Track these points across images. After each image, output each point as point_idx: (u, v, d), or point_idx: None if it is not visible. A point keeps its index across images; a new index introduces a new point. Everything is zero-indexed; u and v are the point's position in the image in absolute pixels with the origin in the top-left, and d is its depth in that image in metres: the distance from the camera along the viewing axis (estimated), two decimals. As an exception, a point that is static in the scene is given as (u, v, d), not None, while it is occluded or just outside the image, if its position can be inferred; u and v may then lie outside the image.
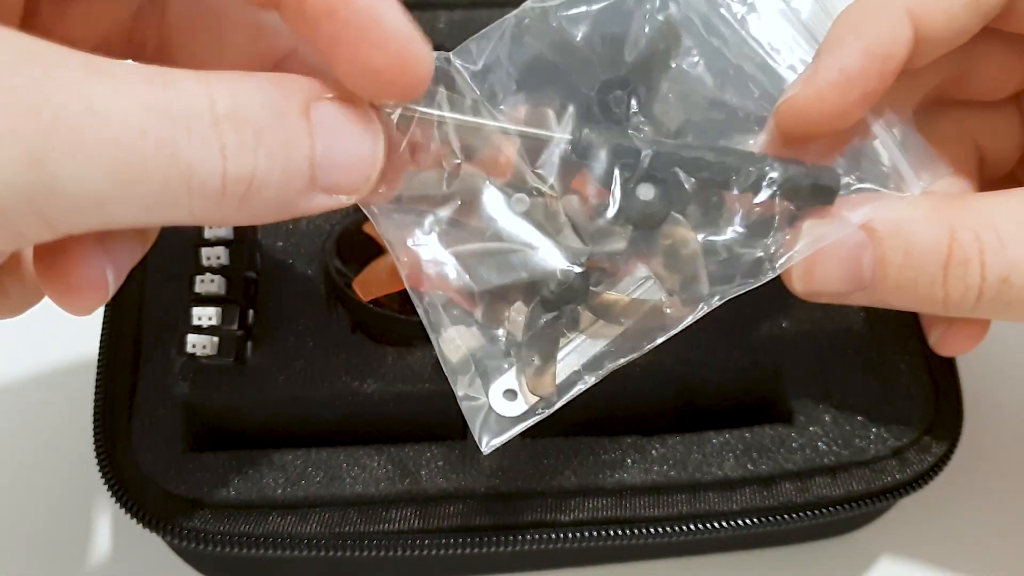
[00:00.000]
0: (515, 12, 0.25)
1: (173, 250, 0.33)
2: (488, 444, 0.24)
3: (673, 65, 0.25)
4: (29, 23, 0.22)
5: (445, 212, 0.24)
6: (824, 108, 0.24)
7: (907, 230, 0.24)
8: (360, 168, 0.20)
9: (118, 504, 0.28)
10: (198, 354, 0.29)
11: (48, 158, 0.16)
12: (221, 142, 0.18)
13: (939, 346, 0.29)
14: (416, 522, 0.28)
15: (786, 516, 0.28)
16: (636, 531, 0.28)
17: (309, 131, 0.19)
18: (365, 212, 0.23)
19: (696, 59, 0.25)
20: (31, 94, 0.16)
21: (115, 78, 0.17)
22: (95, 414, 0.29)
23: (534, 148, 0.24)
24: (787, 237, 0.24)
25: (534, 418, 0.24)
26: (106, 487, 0.28)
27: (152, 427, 0.29)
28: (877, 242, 0.24)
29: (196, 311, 0.29)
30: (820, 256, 0.24)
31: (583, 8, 0.25)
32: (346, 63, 0.20)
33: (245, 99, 0.18)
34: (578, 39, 0.25)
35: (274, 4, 0.20)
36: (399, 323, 0.32)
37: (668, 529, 0.28)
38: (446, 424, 0.30)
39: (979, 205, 0.24)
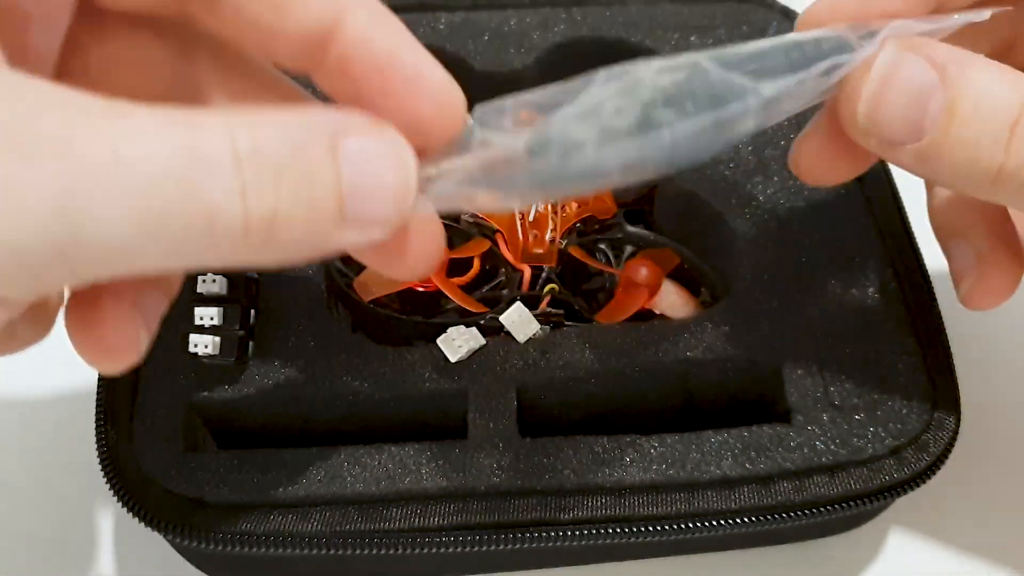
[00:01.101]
0: None
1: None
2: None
3: None
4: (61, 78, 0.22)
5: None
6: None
7: (980, 81, 0.22)
8: (393, 198, 0.20)
9: (120, 503, 0.28)
10: (200, 354, 0.29)
11: (73, 206, 0.16)
12: (242, 182, 0.18)
13: (969, 298, 0.28)
14: (417, 521, 0.28)
15: (784, 515, 0.28)
16: (635, 530, 0.28)
17: (335, 166, 0.19)
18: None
19: None
20: (56, 142, 0.16)
21: (138, 121, 0.17)
22: (97, 414, 0.30)
23: None
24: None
25: None
26: (108, 486, 0.28)
27: (154, 426, 0.29)
28: (949, 85, 0.22)
29: (198, 311, 0.29)
30: (891, 87, 0.23)
31: None
32: (392, 116, 0.20)
33: (266, 136, 0.18)
34: None
35: (311, 69, 0.21)
36: (399, 323, 0.32)
37: (667, 528, 0.28)
38: (446, 424, 0.31)
39: None
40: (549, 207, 0.35)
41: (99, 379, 0.30)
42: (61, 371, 0.38)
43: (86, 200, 0.16)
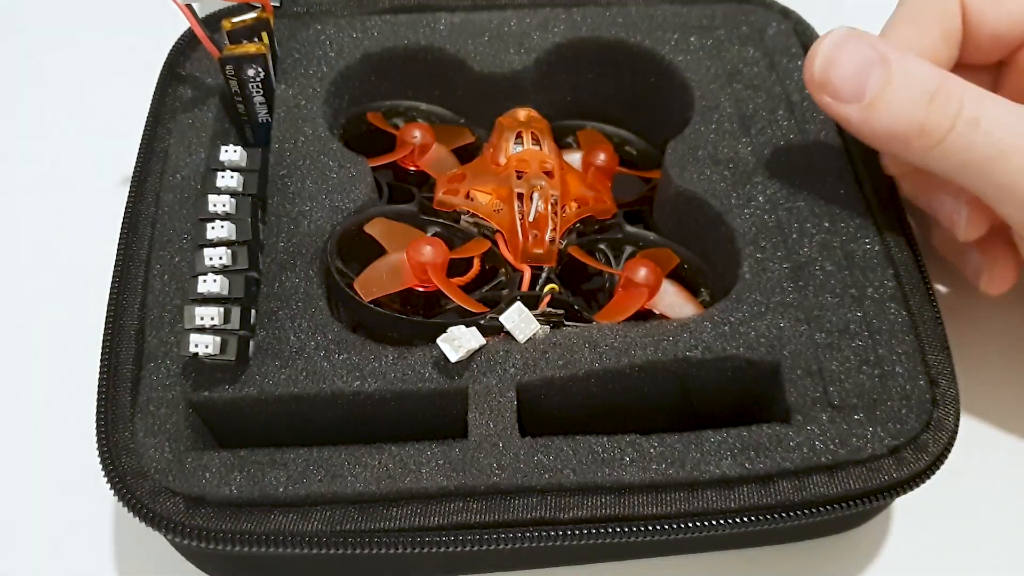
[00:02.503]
0: None
1: (176, 250, 0.33)
2: None
3: None
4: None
5: None
6: None
7: (911, 63, 0.31)
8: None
9: (120, 502, 0.28)
10: (200, 353, 0.29)
11: None
12: None
13: (989, 284, 0.35)
14: (417, 520, 0.28)
15: (783, 514, 0.28)
16: (634, 529, 0.28)
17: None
18: None
19: None
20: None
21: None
22: (98, 413, 0.30)
23: None
24: None
25: None
26: (108, 485, 0.28)
27: (154, 426, 0.30)
28: (887, 66, 0.30)
29: (198, 311, 0.29)
30: (844, 54, 0.31)
31: None
32: None
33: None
34: None
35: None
36: (399, 323, 0.32)
37: (666, 527, 0.28)
38: (446, 423, 0.31)
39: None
40: (549, 207, 0.35)
41: (99, 378, 0.30)
42: (61, 370, 0.38)
43: None
